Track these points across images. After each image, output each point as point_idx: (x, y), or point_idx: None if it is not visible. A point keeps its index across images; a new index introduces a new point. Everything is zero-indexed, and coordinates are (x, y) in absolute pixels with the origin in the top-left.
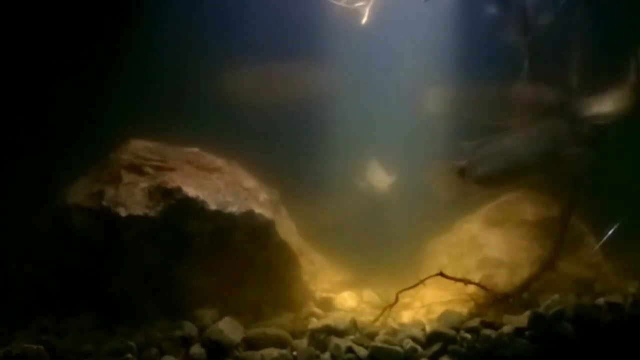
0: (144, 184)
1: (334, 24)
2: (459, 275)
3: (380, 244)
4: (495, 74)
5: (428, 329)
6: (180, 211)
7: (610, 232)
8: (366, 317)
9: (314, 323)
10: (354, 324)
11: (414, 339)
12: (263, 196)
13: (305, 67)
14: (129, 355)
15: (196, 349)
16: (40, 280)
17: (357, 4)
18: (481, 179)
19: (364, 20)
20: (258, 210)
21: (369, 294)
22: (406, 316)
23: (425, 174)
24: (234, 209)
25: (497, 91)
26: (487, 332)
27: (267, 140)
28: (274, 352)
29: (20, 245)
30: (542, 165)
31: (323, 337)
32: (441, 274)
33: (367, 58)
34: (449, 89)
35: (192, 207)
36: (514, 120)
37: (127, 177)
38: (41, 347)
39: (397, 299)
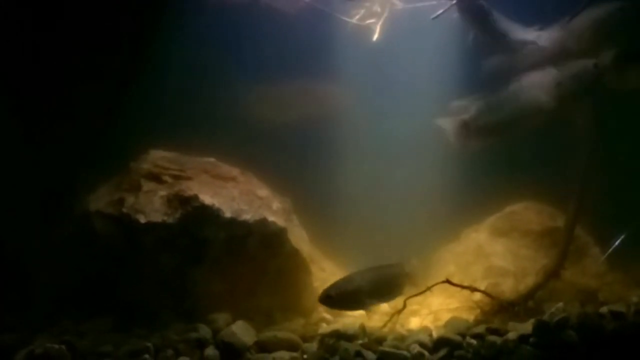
0: (163, 192)
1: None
2: (465, 284)
3: (390, 251)
4: None
5: (435, 334)
6: (197, 218)
7: (617, 242)
8: (375, 323)
9: (324, 328)
10: (362, 329)
11: (421, 344)
12: (276, 204)
13: (316, 83)
14: (146, 356)
15: (210, 351)
16: (62, 283)
17: (368, 21)
18: (484, 130)
19: (375, 37)
20: (271, 218)
21: None
22: (414, 323)
23: (432, 130)
24: (248, 216)
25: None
26: (493, 338)
27: (280, 151)
28: (285, 355)
29: (43, 250)
30: (541, 113)
31: (332, 341)
32: (447, 281)
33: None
34: None
35: (208, 215)
36: None
37: (147, 185)
38: (63, 346)
39: (404, 306)
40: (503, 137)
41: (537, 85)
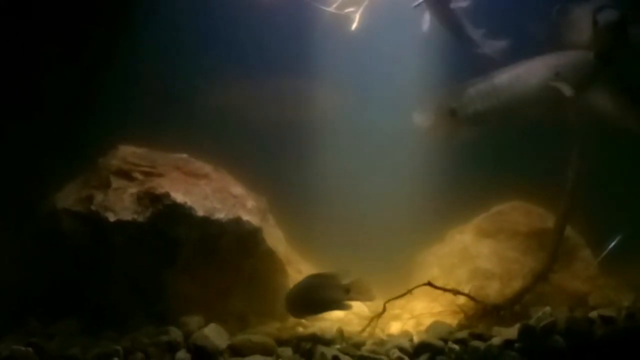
0: (133, 189)
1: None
2: (450, 287)
3: (370, 254)
4: None
5: (416, 339)
6: (168, 217)
7: (610, 246)
8: (354, 327)
9: (300, 332)
10: (340, 333)
11: (401, 349)
12: (251, 203)
13: (292, 74)
14: (115, 359)
15: (182, 355)
16: (29, 284)
17: (347, 10)
18: (472, 118)
19: (354, 26)
20: (245, 217)
21: (357, 305)
22: (395, 327)
23: (417, 116)
24: (221, 215)
25: None
26: (476, 343)
27: (254, 146)
28: (259, 359)
29: (8, 250)
30: (532, 103)
31: (309, 345)
32: (429, 284)
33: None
34: None
35: (180, 213)
36: None
37: (116, 182)
38: (30, 349)
39: (384, 309)
40: (493, 127)
41: (534, 74)
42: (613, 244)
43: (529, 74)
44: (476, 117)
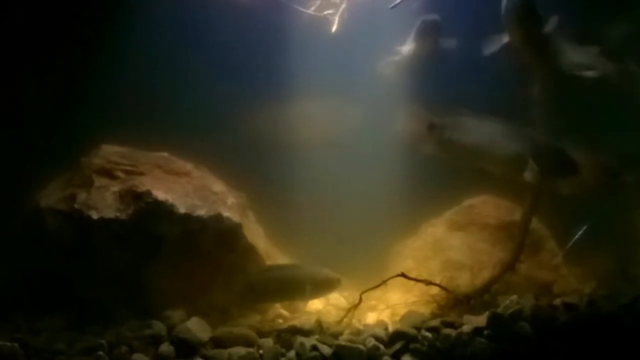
0: (115, 187)
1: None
2: (423, 278)
3: (348, 248)
4: None
5: (391, 328)
6: (150, 214)
7: (576, 237)
8: (332, 318)
9: (280, 324)
10: (319, 324)
11: (377, 338)
12: (231, 200)
13: (270, 76)
14: (100, 353)
15: (165, 347)
16: (14, 281)
17: (325, 12)
18: (444, 143)
19: (333, 29)
20: (226, 213)
21: (335, 297)
22: (371, 318)
23: (398, 119)
24: (202, 212)
25: None
26: (447, 331)
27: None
28: (241, 350)
29: None
30: (506, 166)
31: (289, 336)
32: (403, 275)
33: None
34: None
35: (161, 210)
36: None
37: (99, 181)
38: (15, 344)
39: (360, 300)
40: (457, 160)
41: (507, 145)
42: (578, 235)
43: (504, 140)
44: (448, 143)
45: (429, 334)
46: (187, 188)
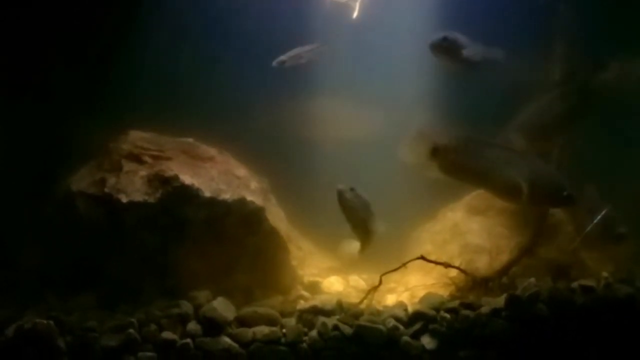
0: (143, 172)
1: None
2: (441, 261)
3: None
4: None
5: (410, 309)
6: (177, 198)
7: (594, 221)
8: (352, 300)
9: (302, 304)
10: (340, 305)
11: (397, 319)
12: (254, 184)
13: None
14: (131, 331)
15: (192, 326)
16: (48, 262)
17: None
18: (450, 167)
19: (354, 15)
20: (249, 197)
21: (355, 279)
22: (390, 299)
23: (403, 139)
24: (227, 196)
25: None
26: (466, 312)
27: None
28: (265, 329)
29: (28, 230)
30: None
31: (311, 316)
32: (422, 258)
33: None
34: None
35: (188, 194)
36: None
37: (127, 165)
38: (51, 322)
39: (380, 282)
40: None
41: (511, 174)
42: (596, 220)
43: (504, 167)
44: (455, 167)
45: (447, 315)
46: (212, 173)
